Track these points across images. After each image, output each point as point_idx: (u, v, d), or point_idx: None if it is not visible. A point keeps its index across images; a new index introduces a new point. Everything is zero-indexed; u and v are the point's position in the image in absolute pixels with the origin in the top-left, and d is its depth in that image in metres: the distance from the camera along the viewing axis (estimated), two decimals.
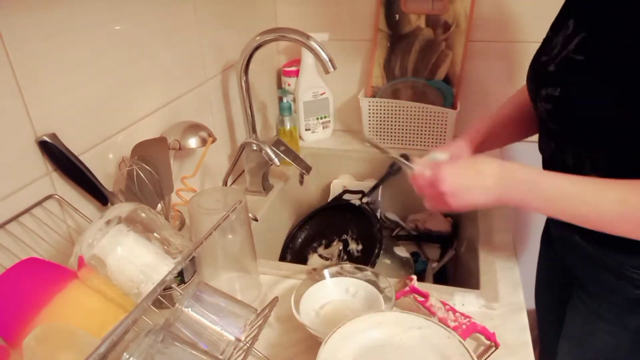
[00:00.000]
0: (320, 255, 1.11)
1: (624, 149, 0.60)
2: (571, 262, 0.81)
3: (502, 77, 1.22)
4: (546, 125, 0.72)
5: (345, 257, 1.07)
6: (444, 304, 0.69)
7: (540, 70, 0.72)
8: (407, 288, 0.72)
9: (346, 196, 1.14)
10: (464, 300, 0.72)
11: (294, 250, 1.12)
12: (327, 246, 1.12)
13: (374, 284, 0.72)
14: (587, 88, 0.62)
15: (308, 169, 1.03)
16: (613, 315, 0.74)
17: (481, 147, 0.86)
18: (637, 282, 0.68)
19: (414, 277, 0.74)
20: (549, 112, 0.68)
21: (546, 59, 0.71)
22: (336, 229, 1.12)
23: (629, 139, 0.59)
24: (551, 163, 0.76)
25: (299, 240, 1.14)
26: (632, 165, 0.60)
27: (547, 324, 1.00)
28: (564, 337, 0.85)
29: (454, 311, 0.68)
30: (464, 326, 0.65)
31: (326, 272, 0.74)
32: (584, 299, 0.78)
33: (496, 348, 0.63)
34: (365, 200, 1.09)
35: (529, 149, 0.83)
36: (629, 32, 0.58)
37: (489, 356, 0.62)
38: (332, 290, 0.73)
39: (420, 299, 0.71)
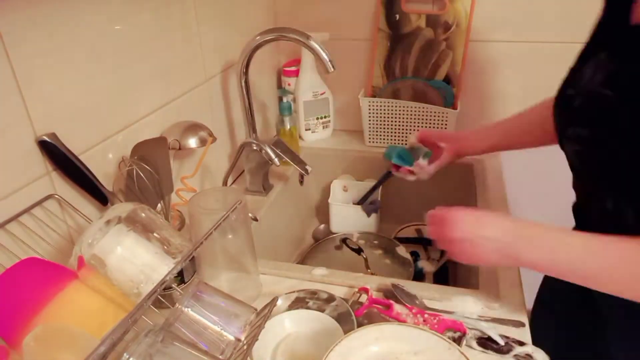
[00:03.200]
0: None
1: None
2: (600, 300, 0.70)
3: (502, 77, 1.22)
4: (576, 167, 0.66)
5: None
6: (410, 308, 0.69)
7: (566, 105, 0.65)
8: (366, 301, 0.71)
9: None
10: (464, 301, 0.72)
11: None
12: None
13: (327, 307, 0.70)
14: (620, 128, 0.54)
15: (307, 170, 1.03)
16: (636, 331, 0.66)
17: (491, 146, 0.87)
18: None
19: (369, 287, 0.73)
20: (578, 153, 0.63)
21: (572, 93, 0.64)
22: None
23: None
24: (586, 205, 0.70)
25: None
26: None
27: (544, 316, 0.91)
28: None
29: (422, 313, 0.68)
30: (436, 326, 0.66)
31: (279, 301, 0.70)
32: (609, 319, 0.69)
33: (464, 334, 0.65)
34: None
35: (529, 152, 0.82)
36: None
37: (463, 343, 0.64)
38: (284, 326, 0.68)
39: (384, 308, 0.69)
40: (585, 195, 0.69)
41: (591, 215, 0.69)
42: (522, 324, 0.68)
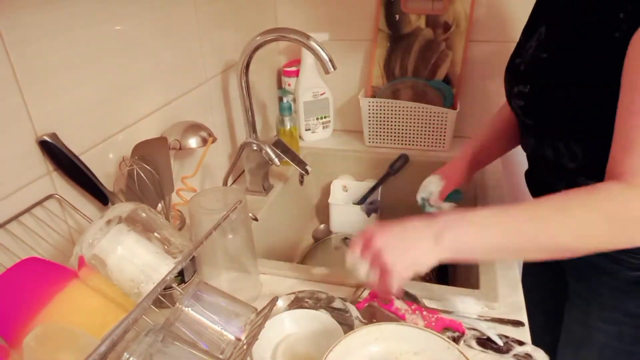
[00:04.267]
0: None
1: (594, 137, 0.63)
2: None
3: (502, 77, 1.21)
4: (523, 122, 0.75)
5: None
6: (409, 305, 0.69)
7: (513, 71, 0.78)
8: (367, 295, 0.71)
9: None
10: (464, 301, 0.72)
11: None
12: None
13: (328, 308, 0.70)
14: (552, 83, 0.67)
15: (307, 170, 1.03)
16: (613, 300, 0.74)
17: (477, 164, 0.91)
18: (634, 265, 0.69)
19: None
20: (522, 108, 0.73)
21: (519, 61, 0.76)
22: None
23: (595, 128, 0.62)
24: (534, 159, 0.79)
25: None
26: (605, 151, 0.59)
27: (536, 316, 0.99)
28: (564, 343, 0.85)
29: (421, 310, 0.68)
30: (433, 323, 0.66)
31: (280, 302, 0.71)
32: (581, 292, 0.78)
33: (462, 334, 0.64)
34: None
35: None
36: (582, 31, 0.63)
37: (461, 343, 0.64)
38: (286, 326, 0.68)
39: (384, 303, 0.69)
40: (531, 151, 0.78)
41: (537, 168, 0.79)
42: (522, 324, 0.68)
